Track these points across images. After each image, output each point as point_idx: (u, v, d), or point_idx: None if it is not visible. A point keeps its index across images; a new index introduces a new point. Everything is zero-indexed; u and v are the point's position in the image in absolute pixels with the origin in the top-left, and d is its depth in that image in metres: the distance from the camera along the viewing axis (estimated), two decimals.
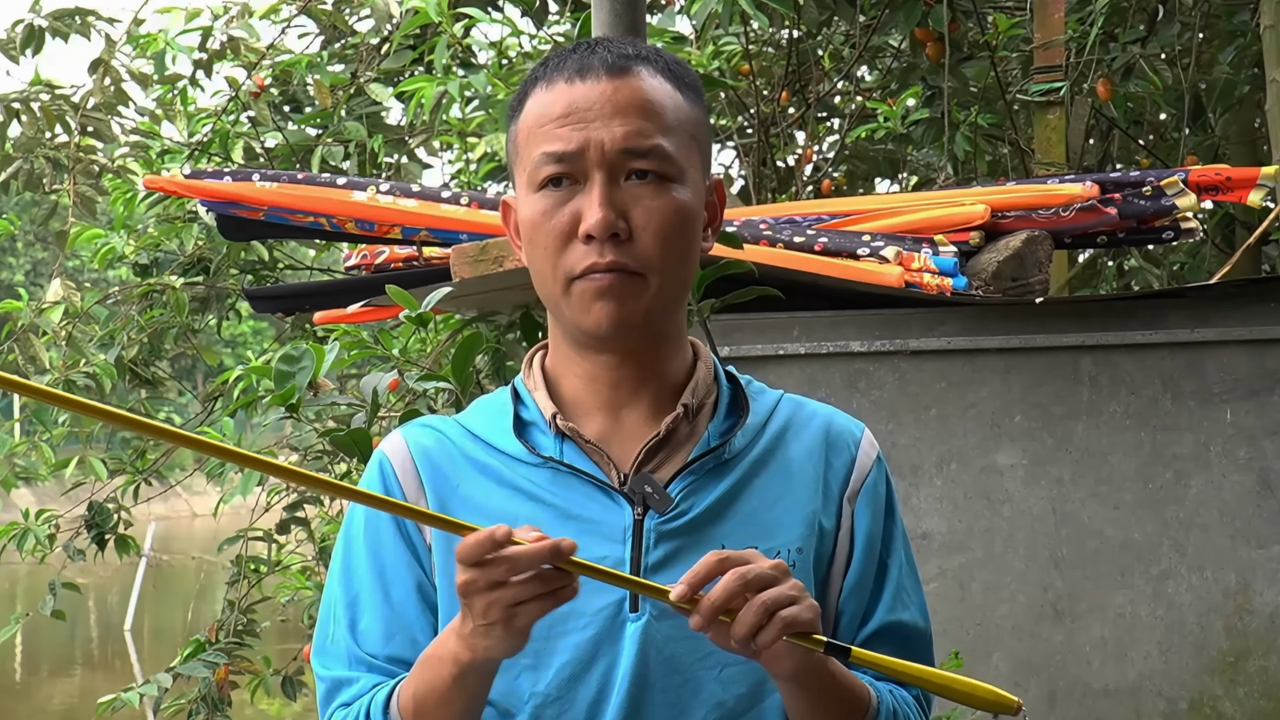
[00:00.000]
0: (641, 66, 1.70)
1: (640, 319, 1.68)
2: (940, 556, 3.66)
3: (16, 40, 5.98)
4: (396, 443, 1.77)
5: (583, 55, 1.70)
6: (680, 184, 1.68)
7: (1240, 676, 3.56)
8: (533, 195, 1.69)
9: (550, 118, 1.68)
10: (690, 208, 1.70)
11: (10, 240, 28.70)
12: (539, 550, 1.49)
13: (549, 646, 1.67)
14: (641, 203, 1.66)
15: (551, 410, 1.72)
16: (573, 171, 1.66)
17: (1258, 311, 3.60)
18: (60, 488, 5.93)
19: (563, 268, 1.67)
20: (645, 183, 1.67)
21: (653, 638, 1.67)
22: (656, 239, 1.66)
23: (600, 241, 1.65)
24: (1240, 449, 3.59)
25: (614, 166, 1.66)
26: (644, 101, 1.68)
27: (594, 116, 1.66)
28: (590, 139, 1.66)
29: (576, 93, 1.68)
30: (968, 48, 6.06)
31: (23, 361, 5.46)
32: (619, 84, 1.68)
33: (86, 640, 15.36)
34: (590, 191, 1.66)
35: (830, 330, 3.73)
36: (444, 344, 4.67)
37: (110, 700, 4.41)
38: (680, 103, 1.71)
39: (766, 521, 1.70)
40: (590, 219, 1.64)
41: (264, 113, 5.64)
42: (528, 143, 1.70)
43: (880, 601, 1.77)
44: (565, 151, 1.66)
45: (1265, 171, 3.96)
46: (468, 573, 1.51)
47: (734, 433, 1.73)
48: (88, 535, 5.19)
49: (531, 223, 1.69)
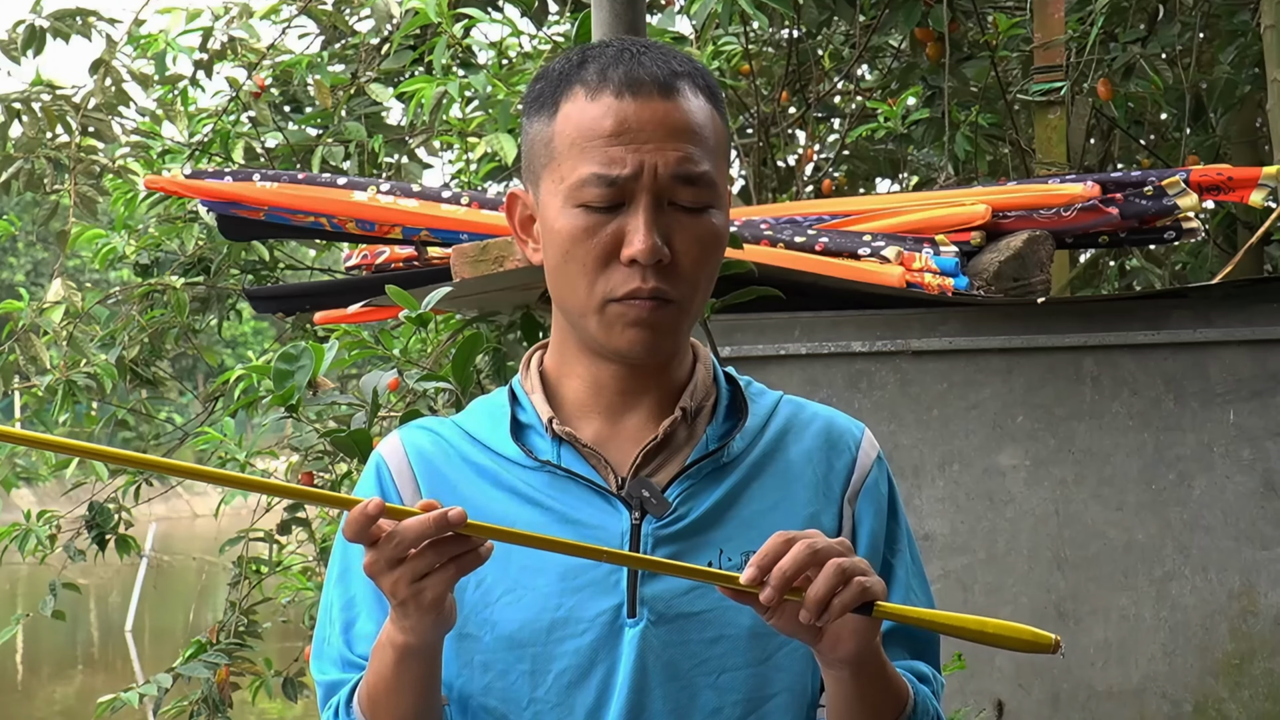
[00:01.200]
0: (686, 84, 1.67)
1: (670, 341, 1.69)
2: (942, 558, 3.65)
3: (18, 41, 5.98)
4: (393, 445, 1.76)
5: (630, 66, 1.66)
6: (718, 209, 1.68)
7: (1245, 679, 3.55)
8: (570, 209, 1.65)
9: (600, 133, 1.64)
10: (724, 232, 1.70)
11: (11, 240, 28.72)
12: (424, 521, 1.48)
13: (547, 652, 1.66)
14: (683, 231, 1.65)
15: (548, 414, 1.71)
16: (619, 196, 1.64)
17: (1260, 311, 3.60)
18: (61, 488, 5.94)
19: (602, 287, 1.65)
20: (689, 209, 1.65)
21: (651, 643, 1.66)
22: (696, 267, 1.66)
23: (644, 267, 1.63)
24: (1243, 450, 3.58)
25: (661, 192, 1.64)
26: (694, 126, 1.66)
27: (647, 139, 1.64)
28: (645, 163, 1.63)
29: (628, 110, 1.64)
30: (968, 48, 6.05)
31: (24, 361, 5.46)
32: (670, 106, 1.65)
33: (87, 641, 15.37)
34: (636, 215, 1.63)
35: (831, 330, 3.72)
36: (444, 344, 4.67)
37: (110, 700, 4.40)
38: (718, 123, 1.70)
39: (766, 525, 1.68)
40: (638, 245, 1.62)
41: (264, 113, 5.63)
42: (569, 153, 1.66)
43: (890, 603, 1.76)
44: (620, 176, 1.63)
45: (1267, 171, 3.96)
46: (368, 554, 1.51)
47: (733, 436, 1.72)
48: (88, 536, 5.19)
49: (569, 237, 1.65)
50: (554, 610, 1.66)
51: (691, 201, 1.65)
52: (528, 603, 1.66)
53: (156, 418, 5.87)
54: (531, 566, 1.66)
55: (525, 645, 1.66)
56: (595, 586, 1.66)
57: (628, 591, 1.66)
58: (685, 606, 1.66)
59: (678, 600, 1.66)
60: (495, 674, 1.67)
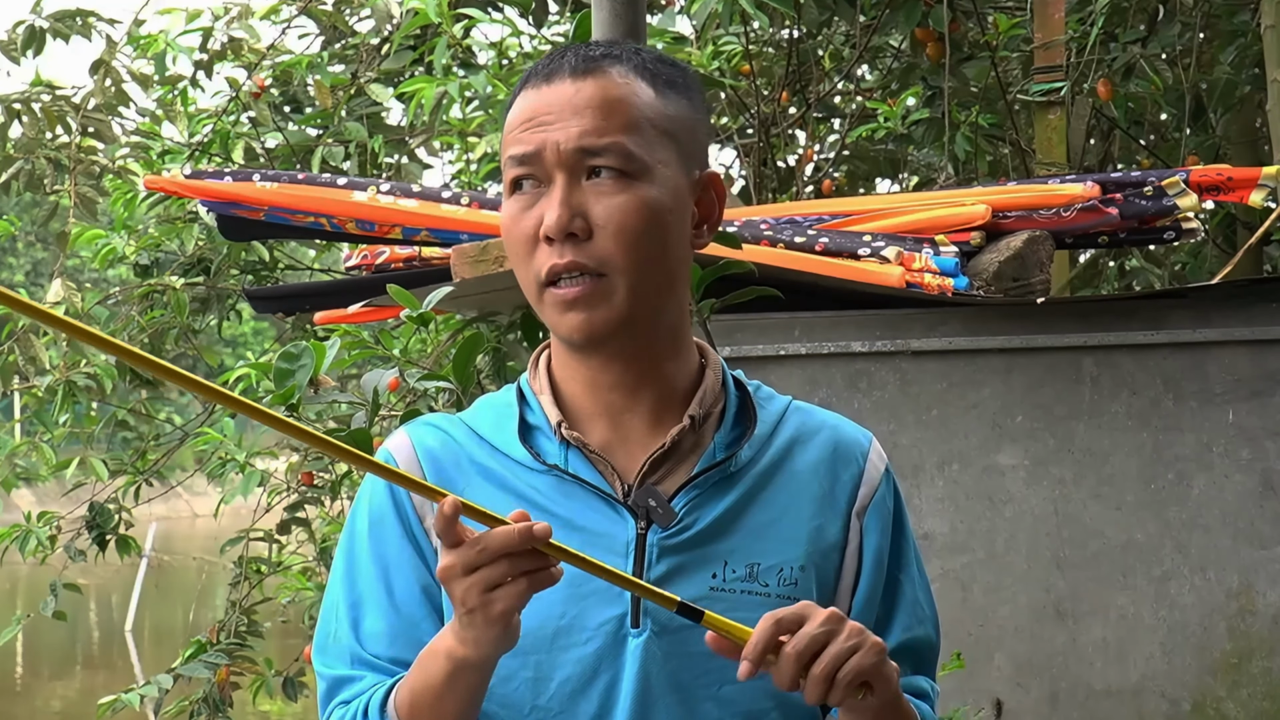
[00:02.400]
0: (611, 65, 1.68)
1: (616, 324, 1.66)
2: (942, 557, 3.66)
3: (18, 41, 5.98)
4: (401, 440, 1.75)
5: (553, 60, 1.70)
6: (645, 181, 1.66)
7: (1243, 678, 3.56)
8: (506, 200, 1.69)
9: (516, 123, 1.68)
10: (658, 203, 1.66)
11: (11, 240, 28.71)
12: (509, 533, 1.47)
13: (551, 660, 1.66)
14: (601, 201, 1.64)
15: (557, 418, 1.71)
16: (536, 174, 1.66)
17: (1260, 312, 3.60)
18: (61, 488, 5.94)
19: (533, 271, 1.66)
20: (605, 180, 1.65)
21: (654, 654, 1.65)
22: (617, 237, 1.64)
23: (558, 243, 1.64)
24: (1242, 449, 3.59)
25: (572, 166, 1.65)
26: (604, 100, 1.66)
27: (554, 119, 1.66)
28: (547, 140, 1.65)
29: (541, 96, 1.68)
30: (968, 48, 6.05)
31: (24, 362, 5.46)
32: (580, 85, 1.67)
33: (87, 641, 15.36)
34: (551, 193, 1.65)
35: (831, 330, 3.72)
36: (445, 344, 4.67)
37: (110, 701, 4.40)
38: (651, 99, 1.68)
39: (771, 537, 1.69)
40: (547, 219, 1.64)
41: (264, 113, 5.64)
42: (504, 145, 1.70)
43: (896, 619, 1.76)
44: (525, 153, 1.66)
45: (1266, 171, 3.96)
46: (446, 556, 1.50)
47: (741, 444, 1.71)
48: (88, 536, 5.19)
49: (504, 228, 1.70)
50: (558, 618, 1.66)
51: (604, 164, 1.64)
52: (532, 610, 1.62)
53: (156, 418, 5.87)
54: None
55: (528, 652, 1.65)
56: (599, 595, 1.65)
57: (631, 601, 1.66)
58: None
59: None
60: (497, 679, 1.65)
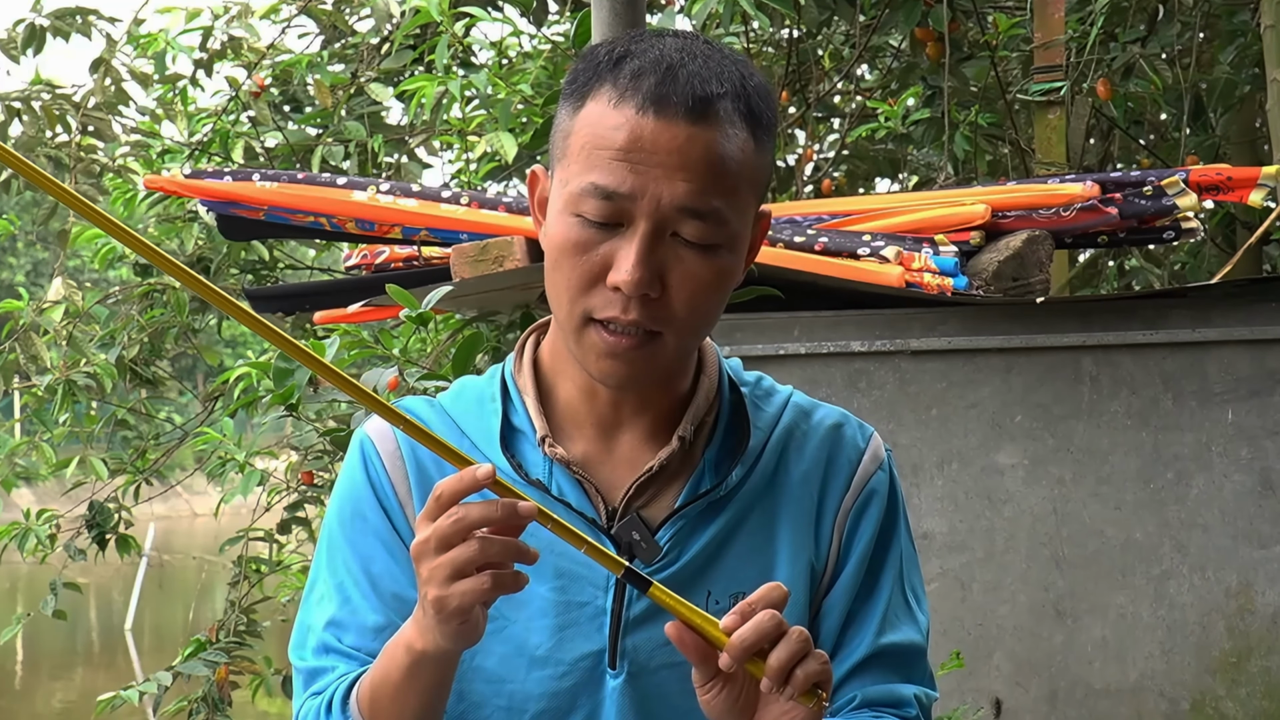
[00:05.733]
0: (723, 108, 1.53)
1: (652, 376, 1.60)
2: (941, 556, 3.66)
3: (18, 40, 5.98)
4: (381, 426, 1.67)
5: (663, 79, 1.53)
6: (726, 249, 1.56)
7: (1242, 677, 3.56)
8: (568, 216, 1.55)
9: (610, 145, 1.52)
10: (732, 270, 1.58)
11: (11, 240, 28.71)
12: (492, 505, 1.42)
13: (524, 690, 1.61)
14: (682, 266, 1.54)
15: (543, 430, 1.63)
16: (616, 215, 1.53)
17: (1259, 311, 3.60)
18: (61, 487, 5.93)
19: (582, 306, 1.55)
20: (691, 246, 1.54)
21: (632, 697, 1.61)
22: (689, 303, 1.55)
23: (627, 297, 1.53)
24: (1241, 449, 3.59)
25: (663, 222, 1.52)
26: (715, 159, 1.52)
27: (658, 163, 1.51)
28: (648, 189, 1.51)
29: (645, 128, 1.51)
30: (968, 47, 6.05)
31: (24, 361, 5.46)
32: (694, 133, 1.51)
33: (87, 640, 15.36)
34: (631, 242, 1.52)
35: (831, 330, 3.72)
36: (444, 343, 4.68)
37: (110, 698, 4.40)
38: (751, 152, 1.56)
39: (758, 563, 1.63)
40: (623, 274, 1.52)
41: (264, 112, 5.64)
42: (578, 157, 1.55)
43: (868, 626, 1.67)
44: (616, 191, 1.52)
45: (1266, 171, 3.96)
46: (422, 529, 1.44)
47: (732, 463, 1.64)
48: (88, 535, 5.19)
49: (560, 247, 1.56)
50: (534, 648, 1.61)
51: (696, 238, 1.53)
52: (508, 635, 1.61)
53: (156, 417, 5.87)
54: (515, 598, 1.55)
55: (503, 679, 1.61)
56: (577, 628, 1.61)
57: (609, 641, 1.61)
58: (667, 658, 1.58)
59: (660, 651, 1.59)
60: (469, 705, 1.62)
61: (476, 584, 1.42)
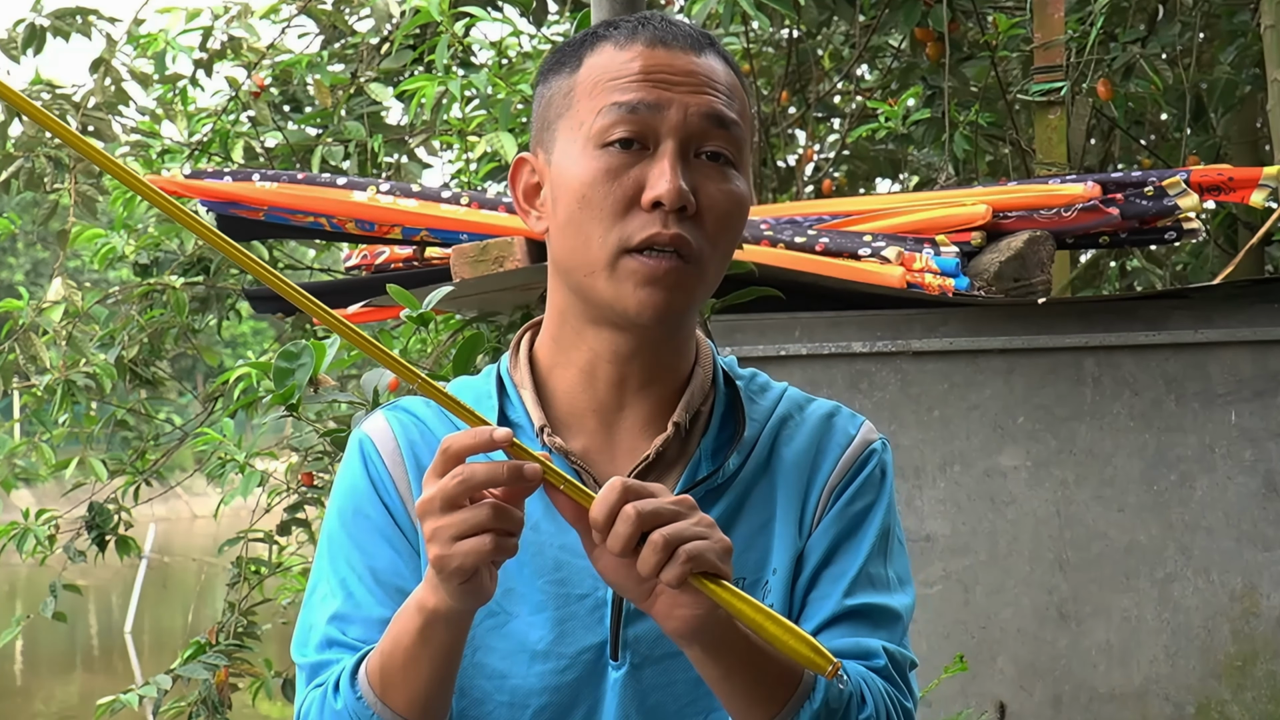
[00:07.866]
0: (716, 50, 1.64)
1: (682, 312, 1.61)
2: (944, 559, 3.65)
3: (18, 40, 5.97)
4: (380, 425, 1.67)
5: (660, 25, 1.62)
6: (741, 175, 1.61)
7: (1247, 680, 3.55)
8: (593, 150, 1.57)
9: (628, 73, 1.58)
10: (745, 202, 1.62)
11: (10, 240, 28.69)
12: (497, 466, 1.42)
13: (526, 685, 1.60)
14: (712, 183, 1.58)
15: (541, 421, 1.63)
16: (643, 133, 1.56)
17: (1261, 312, 3.59)
18: (60, 488, 5.92)
19: (618, 235, 1.56)
20: (715, 164, 1.58)
21: (635, 688, 1.60)
22: (719, 225, 1.58)
23: (667, 212, 1.55)
24: (1245, 451, 3.58)
25: (689, 138, 1.57)
26: (725, 80, 1.61)
27: (678, 81, 1.58)
28: (674, 100, 1.57)
29: (659, 56, 1.59)
30: (968, 47, 6.05)
31: (23, 361, 5.45)
32: (701, 61, 1.60)
33: (87, 642, 15.35)
34: (662, 159, 1.56)
35: (832, 331, 3.72)
36: (444, 344, 4.66)
37: (109, 702, 4.38)
38: (743, 96, 1.65)
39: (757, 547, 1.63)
40: (662, 186, 1.54)
41: (264, 113, 5.63)
42: (593, 92, 1.59)
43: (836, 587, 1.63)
44: (643, 102, 1.56)
45: (1267, 171, 3.95)
46: (427, 488, 1.43)
47: (729, 451, 1.64)
48: (88, 536, 5.18)
49: (588, 181, 1.57)
50: (535, 643, 1.60)
51: (721, 147, 1.58)
52: (508, 630, 1.60)
53: (156, 418, 5.85)
54: (515, 593, 1.59)
55: (504, 675, 1.61)
56: (578, 621, 1.60)
57: (611, 632, 1.60)
58: (670, 647, 1.57)
59: (662, 641, 1.59)
60: (470, 700, 1.61)
61: (478, 544, 1.42)
